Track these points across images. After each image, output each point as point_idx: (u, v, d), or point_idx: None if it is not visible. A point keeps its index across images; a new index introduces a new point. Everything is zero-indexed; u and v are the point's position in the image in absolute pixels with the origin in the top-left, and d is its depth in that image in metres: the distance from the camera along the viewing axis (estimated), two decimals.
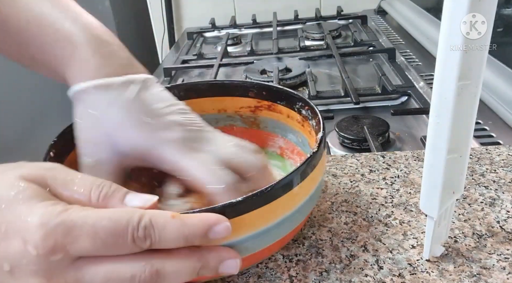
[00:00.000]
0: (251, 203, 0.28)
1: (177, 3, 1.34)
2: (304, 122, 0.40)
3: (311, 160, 0.31)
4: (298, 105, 0.40)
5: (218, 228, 0.27)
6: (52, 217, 0.24)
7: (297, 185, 0.30)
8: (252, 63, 0.88)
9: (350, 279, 0.32)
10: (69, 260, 0.25)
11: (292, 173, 0.30)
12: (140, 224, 0.25)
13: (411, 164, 0.46)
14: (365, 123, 0.59)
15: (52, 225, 0.24)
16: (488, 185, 0.42)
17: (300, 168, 0.30)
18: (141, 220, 0.25)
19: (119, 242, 0.25)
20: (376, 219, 0.38)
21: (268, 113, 0.44)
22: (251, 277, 0.34)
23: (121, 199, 0.27)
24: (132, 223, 0.25)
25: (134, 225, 0.25)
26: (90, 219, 0.24)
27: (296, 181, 0.30)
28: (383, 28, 1.08)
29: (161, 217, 0.26)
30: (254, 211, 0.28)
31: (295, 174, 0.30)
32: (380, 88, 0.73)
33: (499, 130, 0.57)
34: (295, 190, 0.30)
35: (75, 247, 0.24)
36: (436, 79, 0.26)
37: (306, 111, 0.40)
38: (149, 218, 0.25)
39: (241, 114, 0.45)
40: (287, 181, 0.30)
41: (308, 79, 0.76)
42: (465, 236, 0.36)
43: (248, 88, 0.44)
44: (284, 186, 0.30)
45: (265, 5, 1.29)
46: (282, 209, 0.30)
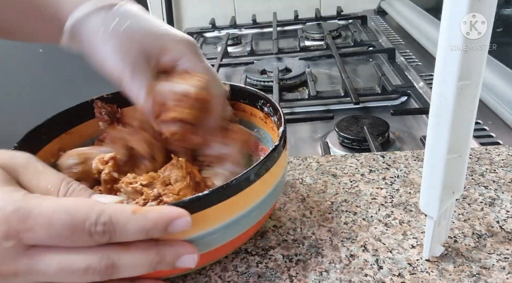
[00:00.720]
0: (213, 197, 0.28)
1: (177, 3, 1.34)
2: (266, 119, 0.41)
3: (271, 154, 0.32)
4: (260, 102, 0.41)
5: (178, 223, 0.27)
6: (9, 203, 0.24)
7: (258, 179, 0.31)
8: (252, 63, 0.88)
9: (350, 279, 0.32)
10: (22, 248, 0.24)
11: (252, 168, 0.30)
12: (99, 220, 0.25)
13: (411, 164, 0.46)
14: (365, 123, 0.59)
15: (8, 210, 0.24)
16: (487, 185, 0.42)
17: (260, 163, 0.31)
18: (100, 216, 0.25)
19: (75, 235, 0.25)
20: (376, 219, 0.38)
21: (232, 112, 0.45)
22: (251, 277, 0.34)
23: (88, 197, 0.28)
24: (89, 219, 0.25)
25: (91, 221, 0.25)
26: (47, 209, 0.24)
27: (256, 175, 0.31)
28: (383, 28, 1.08)
29: (122, 213, 0.25)
30: (216, 205, 0.29)
31: (254, 168, 0.30)
32: (380, 88, 0.73)
33: (499, 130, 0.57)
34: (255, 185, 0.31)
35: (29, 235, 0.24)
36: (436, 79, 0.26)
37: (268, 108, 0.40)
38: (109, 214, 0.25)
39: None
40: (247, 175, 0.30)
41: (308, 79, 0.76)
42: (465, 236, 0.36)
43: None
44: (244, 180, 0.30)
45: (265, 5, 1.29)
46: (243, 203, 0.30)
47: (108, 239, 0.25)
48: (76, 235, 0.25)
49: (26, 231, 0.24)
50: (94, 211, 0.25)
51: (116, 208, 0.26)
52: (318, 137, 0.62)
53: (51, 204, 0.25)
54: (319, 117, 0.65)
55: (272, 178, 0.33)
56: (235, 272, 0.34)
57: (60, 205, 0.25)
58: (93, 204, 0.25)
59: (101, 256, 0.25)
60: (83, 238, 0.25)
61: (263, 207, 0.33)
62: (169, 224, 0.26)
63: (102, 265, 0.25)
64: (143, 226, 0.26)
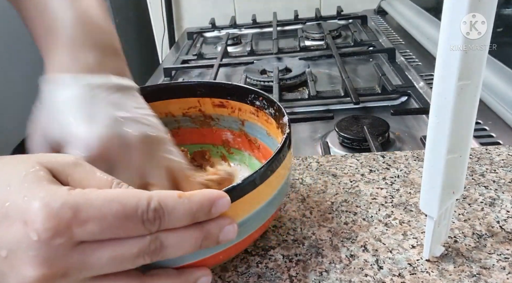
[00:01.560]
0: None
1: (177, 3, 1.34)
2: (258, 112, 0.42)
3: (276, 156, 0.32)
4: (250, 97, 0.42)
5: (220, 203, 0.27)
6: (56, 198, 0.23)
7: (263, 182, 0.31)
8: (252, 63, 0.88)
9: (350, 279, 0.32)
10: (71, 245, 0.23)
11: (257, 171, 0.30)
12: (149, 206, 0.24)
13: (411, 164, 0.46)
14: (365, 123, 0.59)
15: (56, 207, 0.23)
16: (488, 185, 0.42)
17: (265, 165, 0.31)
18: (150, 202, 0.25)
19: (128, 225, 0.24)
20: (376, 219, 0.38)
21: (219, 110, 0.45)
22: (251, 277, 0.34)
23: None
24: (142, 206, 0.24)
25: (143, 208, 0.24)
26: (97, 202, 0.24)
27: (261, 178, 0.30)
28: (383, 28, 1.08)
29: (170, 197, 0.25)
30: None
31: (259, 171, 0.30)
32: (380, 88, 0.73)
33: (499, 130, 0.57)
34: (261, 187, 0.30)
35: (81, 230, 0.23)
36: (436, 79, 0.26)
37: (260, 101, 0.41)
38: (157, 200, 0.25)
39: (190, 115, 0.46)
40: (252, 178, 0.30)
41: (308, 79, 0.76)
42: (465, 236, 0.36)
43: (195, 88, 0.45)
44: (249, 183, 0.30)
45: (265, 5, 1.29)
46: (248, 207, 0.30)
47: (159, 226, 0.25)
48: (130, 224, 0.24)
49: (78, 226, 0.23)
50: (144, 198, 0.24)
51: (162, 193, 0.25)
52: (318, 137, 0.62)
53: (98, 196, 0.24)
54: (319, 117, 0.65)
55: (277, 180, 0.32)
56: (235, 272, 0.34)
57: (109, 195, 0.24)
58: (140, 192, 0.25)
59: (150, 238, 0.25)
60: (136, 227, 0.24)
61: (268, 210, 0.33)
62: (213, 205, 0.27)
63: (152, 246, 0.25)
64: (189, 209, 0.26)
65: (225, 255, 0.32)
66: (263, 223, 0.33)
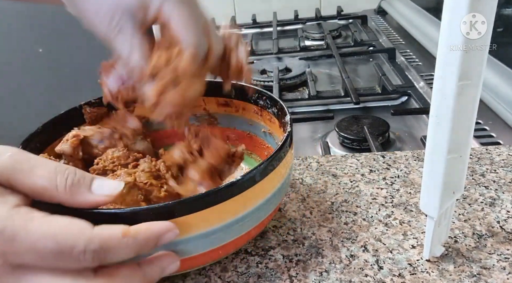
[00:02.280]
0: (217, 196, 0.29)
1: None
2: (262, 111, 0.42)
3: (277, 153, 0.32)
4: (255, 96, 0.42)
5: (168, 236, 0.27)
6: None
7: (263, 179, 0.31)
8: (252, 63, 0.88)
9: (350, 279, 0.32)
10: (9, 267, 0.24)
11: (257, 167, 0.30)
12: (87, 247, 0.24)
13: (411, 164, 0.46)
14: (365, 123, 0.59)
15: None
16: (488, 185, 0.42)
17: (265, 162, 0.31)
18: (90, 244, 0.24)
19: (63, 262, 0.24)
20: (376, 219, 0.38)
21: (223, 109, 0.46)
22: (251, 277, 0.34)
23: (88, 187, 0.27)
24: (77, 247, 0.24)
25: (80, 248, 0.24)
26: (34, 234, 0.24)
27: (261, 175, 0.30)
28: (383, 28, 1.08)
29: (112, 238, 0.25)
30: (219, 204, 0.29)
31: (260, 168, 0.30)
32: (380, 88, 0.73)
33: (499, 130, 0.57)
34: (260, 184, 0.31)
35: (15, 257, 0.24)
36: (436, 79, 0.26)
37: (264, 101, 0.41)
38: (98, 242, 0.24)
39: (194, 113, 0.46)
40: (252, 175, 0.30)
41: (308, 79, 0.76)
42: (465, 236, 0.36)
43: None
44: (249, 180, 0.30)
45: (265, 5, 1.29)
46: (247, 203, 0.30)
47: (98, 263, 0.25)
48: (64, 260, 0.24)
49: (13, 253, 0.23)
50: (82, 239, 0.24)
51: (105, 233, 0.25)
52: (318, 137, 0.62)
53: (38, 228, 0.24)
54: (319, 117, 0.65)
55: (277, 178, 0.32)
56: (235, 272, 0.34)
57: (48, 229, 0.24)
58: (82, 230, 0.25)
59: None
60: (72, 263, 0.24)
61: (267, 207, 0.33)
62: (159, 240, 0.27)
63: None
64: (133, 248, 0.26)
65: (223, 251, 0.32)
66: (260, 221, 0.33)
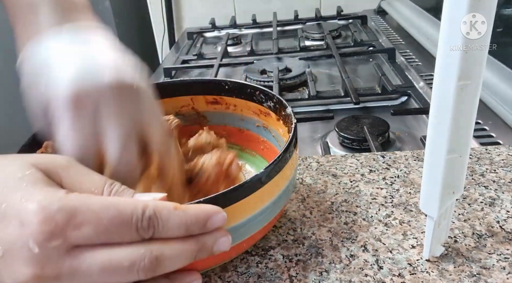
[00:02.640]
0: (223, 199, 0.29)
1: (177, 3, 1.34)
2: (255, 106, 0.42)
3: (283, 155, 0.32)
4: (247, 92, 0.42)
5: (216, 218, 0.27)
6: (53, 201, 0.24)
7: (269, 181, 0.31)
8: (252, 63, 0.88)
9: (350, 279, 0.32)
10: (66, 248, 0.24)
11: (264, 170, 0.30)
12: (144, 214, 0.25)
13: (411, 164, 0.46)
14: (365, 123, 0.59)
15: (53, 209, 0.23)
16: (488, 185, 0.42)
17: (271, 164, 0.31)
18: (145, 210, 0.25)
19: (122, 231, 0.24)
20: (376, 219, 0.38)
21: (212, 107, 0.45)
22: (251, 277, 0.34)
23: (131, 196, 0.27)
24: (136, 213, 0.25)
25: (138, 215, 0.25)
26: (94, 206, 0.24)
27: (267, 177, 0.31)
28: (383, 28, 1.08)
29: (165, 208, 0.26)
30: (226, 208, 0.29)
31: (266, 170, 0.30)
32: (380, 88, 0.73)
33: (499, 130, 0.57)
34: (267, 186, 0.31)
35: (76, 233, 0.24)
36: (436, 79, 0.26)
37: (257, 95, 0.42)
38: (153, 209, 0.25)
39: (182, 113, 0.46)
40: (258, 177, 0.30)
41: (308, 79, 0.76)
42: (465, 236, 0.36)
43: (188, 86, 0.45)
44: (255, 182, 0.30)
45: (265, 5, 1.29)
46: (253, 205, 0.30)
47: (152, 234, 0.25)
48: (124, 230, 0.24)
49: (73, 228, 0.24)
50: (139, 207, 0.25)
51: (158, 204, 0.26)
52: (318, 137, 0.62)
53: (96, 201, 0.25)
54: (319, 117, 0.65)
55: (283, 179, 0.32)
56: (235, 272, 0.34)
57: (107, 201, 0.25)
58: (137, 200, 0.26)
59: (145, 252, 0.25)
60: (130, 233, 0.25)
61: (273, 209, 0.33)
62: (208, 220, 0.27)
63: (146, 260, 0.25)
64: (184, 222, 0.26)
65: (225, 255, 0.32)
66: (265, 224, 0.33)
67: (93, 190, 0.27)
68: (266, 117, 0.41)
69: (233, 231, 0.30)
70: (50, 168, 0.26)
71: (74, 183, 0.26)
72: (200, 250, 0.27)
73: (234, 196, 0.29)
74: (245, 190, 0.29)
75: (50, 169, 0.26)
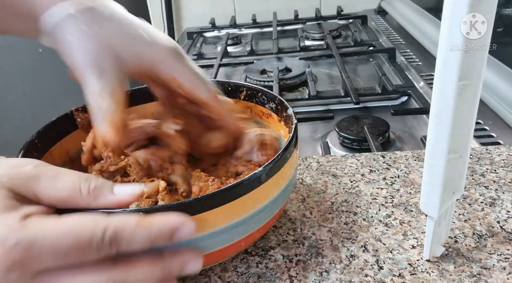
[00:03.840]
0: (223, 196, 0.28)
1: (177, 3, 1.34)
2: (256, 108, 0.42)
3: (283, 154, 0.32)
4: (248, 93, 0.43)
5: (183, 230, 0.27)
6: (9, 235, 0.23)
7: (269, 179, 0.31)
8: (252, 63, 0.88)
9: (350, 279, 0.32)
10: (29, 276, 0.24)
11: (263, 168, 0.30)
12: (104, 236, 0.25)
13: (411, 164, 0.46)
14: (365, 123, 0.59)
15: (9, 244, 0.23)
16: (488, 185, 0.42)
17: (271, 162, 0.30)
18: (105, 232, 0.25)
19: (83, 254, 0.25)
20: (376, 219, 0.38)
21: None
22: (251, 277, 0.34)
23: (110, 189, 0.27)
24: (96, 236, 0.24)
25: (98, 238, 0.24)
26: (51, 236, 0.24)
27: (267, 175, 0.30)
28: (383, 28, 1.08)
29: (127, 225, 0.25)
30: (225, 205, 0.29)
31: (266, 168, 0.30)
32: (380, 88, 0.73)
33: (499, 130, 0.57)
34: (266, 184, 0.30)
35: (36, 263, 0.24)
36: (436, 79, 0.26)
37: (259, 97, 0.42)
38: (113, 229, 0.25)
39: None
40: (257, 175, 0.30)
41: (308, 79, 0.76)
42: (465, 236, 0.36)
43: None
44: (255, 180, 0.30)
45: (265, 5, 1.29)
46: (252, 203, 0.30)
47: (115, 251, 0.25)
48: (85, 253, 0.25)
49: (32, 260, 0.24)
50: (99, 229, 0.25)
51: (119, 221, 0.25)
52: (318, 137, 0.62)
53: (53, 227, 0.24)
54: (319, 117, 0.65)
55: (283, 178, 0.32)
56: (235, 272, 0.34)
57: (64, 227, 0.24)
58: (96, 220, 0.25)
59: (107, 279, 0.25)
60: (91, 255, 0.25)
61: (272, 208, 0.32)
62: (174, 232, 0.26)
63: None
64: (147, 237, 0.26)
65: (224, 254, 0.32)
66: (264, 223, 0.32)
67: (70, 195, 0.26)
68: (268, 119, 0.41)
69: (231, 228, 0.30)
70: (18, 184, 0.26)
71: (49, 191, 0.26)
72: (167, 276, 0.27)
73: (233, 193, 0.29)
74: (244, 188, 0.29)
75: (17, 186, 0.26)
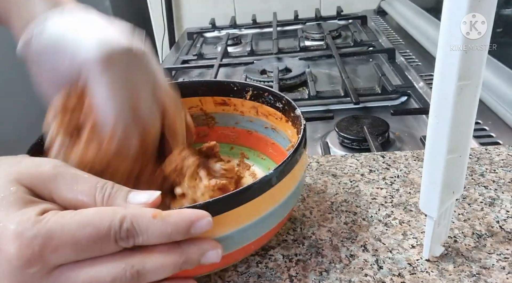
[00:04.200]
0: (234, 200, 0.28)
1: (177, 3, 1.34)
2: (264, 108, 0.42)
3: (293, 156, 0.32)
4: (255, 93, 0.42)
5: (200, 224, 0.26)
6: (28, 227, 0.23)
7: (279, 182, 0.30)
8: (252, 63, 0.88)
9: (350, 279, 0.32)
10: (47, 270, 0.24)
11: (273, 171, 0.30)
12: (122, 227, 0.25)
13: (411, 164, 0.46)
14: (365, 123, 0.59)
15: (29, 236, 0.23)
16: (487, 185, 0.42)
17: (281, 165, 0.30)
18: (123, 222, 0.25)
19: (102, 246, 0.25)
20: (376, 219, 0.38)
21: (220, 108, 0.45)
22: (251, 277, 0.34)
23: (124, 198, 0.27)
24: (114, 227, 0.25)
25: (116, 228, 0.25)
26: (70, 227, 0.24)
27: (277, 178, 0.30)
28: (383, 28, 1.08)
29: (143, 217, 0.25)
30: (236, 208, 0.28)
31: (276, 171, 0.30)
32: (380, 88, 0.73)
33: (499, 130, 0.57)
34: (276, 187, 0.30)
35: (55, 257, 0.24)
36: (436, 79, 0.26)
37: (265, 97, 0.42)
38: (130, 220, 0.25)
39: (191, 114, 0.46)
40: (268, 178, 0.30)
41: (308, 79, 0.76)
42: (465, 236, 0.36)
43: (196, 87, 0.45)
44: (266, 183, 0.30)
45: (265, 5, 1.29)
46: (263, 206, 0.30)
47: (133, 244, 0.25)
48: (103, 244, 0.25)
49: (51, 252, 0.24)
50: (117, 219, 0.25)
51: (136, 213, 0.25)
52: (318, 137, 0.62)
53: (71, 220, 0.24)
54: (319, 117, 0.65)
55: (293, 181, 0.32)
56: (235, 272, 0.34)
57: (82, 218, 0.25)
58: (114, 211, 0.25)
59: (125, 266, 0.25)
60: (110, 246, 0.25)
61: (282, 211, 0.32)
62: (191, 227, 0.26)
63: (128, 275, 0.25)
64: (164, 230, 0.26)
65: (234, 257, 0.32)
66: (273, 226, 0.32)
67: (85, 201, 0.26)
68: (275, 119, 0.41)
69: (241, 232, 0.30)
70: (36, 184, 0.26)
71: (65, 194, 0.26)
72: (185, 262, 0.27)
73: (244, 197, 0.29)
74: (255, 191, 0.29)
75: (35, 185, 0.26)
